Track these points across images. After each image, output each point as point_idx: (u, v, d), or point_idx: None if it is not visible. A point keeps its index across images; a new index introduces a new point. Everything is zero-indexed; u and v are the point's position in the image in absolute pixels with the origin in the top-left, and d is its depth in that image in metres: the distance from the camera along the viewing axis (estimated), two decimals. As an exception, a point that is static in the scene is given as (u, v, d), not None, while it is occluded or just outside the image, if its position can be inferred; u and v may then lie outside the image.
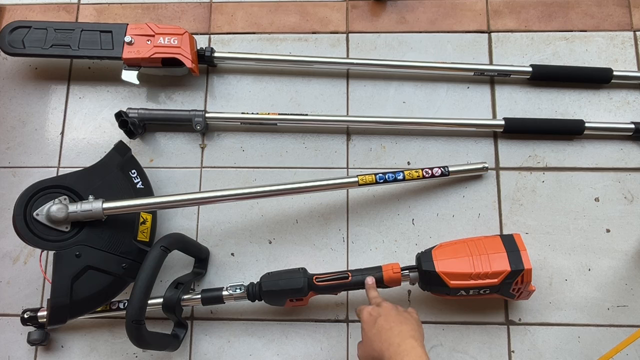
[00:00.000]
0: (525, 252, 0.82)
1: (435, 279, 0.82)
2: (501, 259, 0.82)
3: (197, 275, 0.96)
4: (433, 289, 0.86)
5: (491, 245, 0.84)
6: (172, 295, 0.87)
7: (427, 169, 0.95)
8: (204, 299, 0.88)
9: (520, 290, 0.84)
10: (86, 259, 0.84)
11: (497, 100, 1.06)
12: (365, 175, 0.93)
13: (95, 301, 0.87)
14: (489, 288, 0.82)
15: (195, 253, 0.95)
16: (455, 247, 0.85)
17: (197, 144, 1.05)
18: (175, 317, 0.89)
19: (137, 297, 0.77)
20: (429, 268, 0.82)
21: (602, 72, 1.04)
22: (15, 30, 1.01)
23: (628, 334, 0.83)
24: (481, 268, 0.81)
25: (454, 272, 0.81)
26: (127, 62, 1.00)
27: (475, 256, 0.82)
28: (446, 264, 0.82)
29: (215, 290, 0.89)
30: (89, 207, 0.84)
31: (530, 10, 1.11)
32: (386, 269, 0.85)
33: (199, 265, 0.97)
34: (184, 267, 0.98)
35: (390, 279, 0.85)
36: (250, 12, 1.13)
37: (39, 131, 1.07)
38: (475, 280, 0.81)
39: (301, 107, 1.06)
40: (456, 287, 0.82)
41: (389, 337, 0.68)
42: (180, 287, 0.89)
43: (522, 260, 0.81)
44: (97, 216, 0.85)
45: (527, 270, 0.81)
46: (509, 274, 0.80)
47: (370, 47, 1.10)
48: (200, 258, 0.97)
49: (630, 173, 1.00)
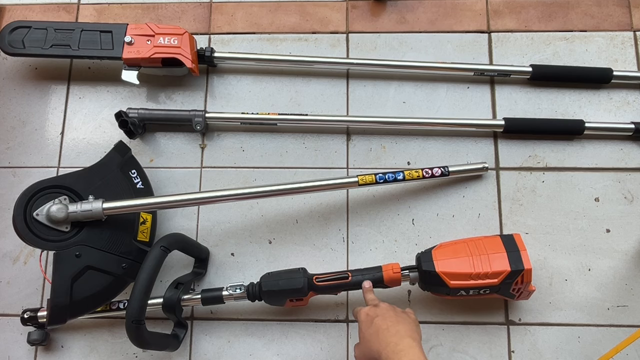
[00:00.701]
0: (525, 252, 0.82)
1: (435, 279, 0.82)
2: (501, 259, 0.82)
3: (197, 275, 0.96)
4: (433, 289, 0.86)
5: (491, 246, 0.84)
6: (172, 295, 0.87)
7: (427, 169, 0.95)
8: (204, 299, 0.88)
9: (520, 290, 0.84)
10: (86, 259, 0.84)
11: (497, 100, 1.06)
12: (365, 175, 0.93)
13: (96, 301, 0.87)
14: (489, 288, 0.82)
15: (195, 253, 0.95)
16: (455, 247, 0.85)
17: (197, 144, 1.05)
18: (175, 317, 0.89)
19: (137, 297, 0.77)
20: (428, 268, 0.82)
21: (602, 72, 1.04)
22: (15, 30, 1.01)
23: (628, 334, 0.83)
24: (481, 268, 0.81)
25: (453, 272, 0.81)
26: (127, 62, 1.00)
27: (475, 256, 0.82)
28: (446, 264, 0.82)
29: (215, 291, 0.89)
30: (89, 207, 0.84)
31: (530, 10, 1.11)
32: (386, 269, 0.85)
33: (199, 266, 0.97)
34: (184, 267, 0.98)
35: (390, 279, 0.85)
36: (250, 12, 1.13)
37: (39, 131, 1.07)
38: (475, 280, 0.81)
39: (301, 107, 1.06)
40: (456, 287, 0.82)
41: (386, 336, 0.68)
42: (180, 287, 0.89)
43: (522, 260, 0.81)
44: (97, 216, 0.85)
45: (527, 270, 0.81)
46: (509, 274, 0.80)
47: (370, 47, 1.10)
48: (200, 258, 0.97)
49: (630, 173, 1.00)
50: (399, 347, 0.66)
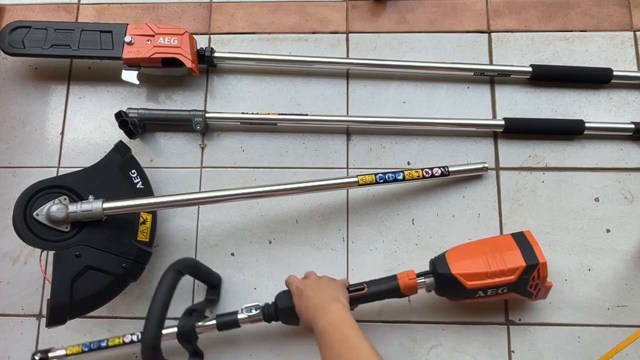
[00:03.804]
0: (538, 246, 0.82)
1: (452, 281, 0.81)
2: (515, 255, 0.81)
3: (209, 302, 0.94)
4: (450, 293, 0.85)
5: (504, 244, 0.84)
6: (186, 324, 0.85)
7: (427, 169, 0.95)
8: (220, 324, 0.86)
9: (538, 286, 0.83)
10: (86, 259, 0.84)
11: (497, 100, 1.06)
12: (365, 175, 0.92)
13: (96, 301, 0.87)
14: (506, 286, 0.81)
15: (207, 279, 0.93)
16: (468, 249, 0.85)
17: (197, 144, 1.05)
18: (191, 345, 0.86)
19: (153, 322, 0.75)
20: (444, 271, 0.82)
21: (602, 72, 1.04)
22: (15, 30, 1.01)
23: (628, 334, 0.83)
24: (496, 266, 0.80)
25: (469, 272, 0.80)
26: (127, 62, 1.00)
27: (489, 255, 0.82)
28: (461, 265, 0.81)
29: (230, 315, 0.86)
30: (89, 207, 0.84)
31: (530, 10, 1.11)
32: (401, 276, 0.83)
33: (212, 293, 0.95)
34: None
35: (407, 286, 0.83)
36: (250, 12, 1.13)
37: (39, 131, 1.07)
38: (492, 278, 0.80)
39: (301, 107, 1.06)
40: (473, 288, 0.81)
41: (315, 304, 0.74)
42: (194, 314, 0.87)
43: (536, 255, 0.81)
44: (97, 216, 0.85)
45: (542, 264, 0.80)
46: (524, 269, 0.80)
47: (370, 47, 1.10)
48: (212, 285, 0.95)
49: (630, 173, 1.00)
50: (326, 310, 0.71)
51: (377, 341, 0.93)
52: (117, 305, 0.97)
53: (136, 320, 0.97)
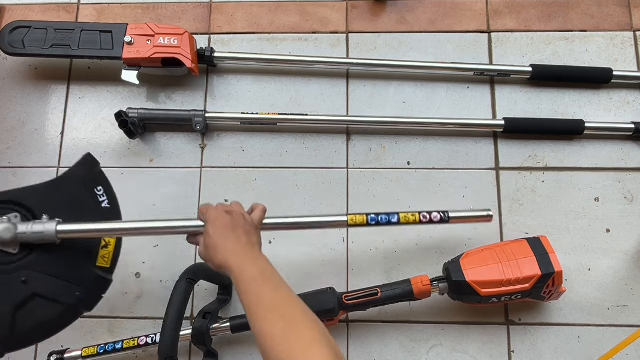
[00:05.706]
0: (554, 254, 0.82)
1: (466, 288, 0.81)
2: (531, 263, 0.81)
3: (222, 302, 0.95)
4: (464, 298, 0.85)
5: (519, 250, 0.83)
6: (201, 326, 0.86)
7: (425, 213, 0.86)
8: (233, 326, 0.87)
9: (552, 292, 0.83)
10: (33, 286, 0.72)
11: (497, 100, 1.06)
12: (355, 215, 0.84)
13: (42, 333, 0.75)
14: (521, 293, 0.81)
15: (219, 280, 0.94)
16: (483, 255, 0.85)
17: (197, 144, 1.05)
18: (205, 347, 0.87)
19: (169, 333, 0.76)
20: (459, 278, 0.82)
21: (602, 72, 1.04)
22: (15, 30, 1.01)
23: (628, 334, 0.83)
24: (512, 274, 0.80)
25: (484, 280, 0.80)
26: (127, 62, 1.00)
27: (504, 262, 0.82)
28: (476, 272, 0.81)
29: (243, 317, 0.86)
30: (41, 229, 0.71)
31: (530, 10, 1.11)
32: (415, 282, 0.84)
33: (224, 292, 0.96)
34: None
35: (420, 291, 0.83)
36: (250, 12, 1.13)
37: (39, 131, 1.07)
38: (507, 287, 0.80)
39: (301, 107, 1.06)
40: (488, 295, 0.81)
41: (243, 245, 0.66)
42: (208, 316, 0.88)
43: (552, 263, 0.81)
44: (49, 239, 0.72)
45: (558, 273, 0.80)
46: (540, 277, 0.80)
47: (370, 47, 1.10)
48: (224, 285, 0.96)
49: (630, 173, 1.00)
50: (258, 257, 0.65)
51: (377, 341, 0.93)
52: (117, 305, 0.97)
53: (136, 320, 0.97)
